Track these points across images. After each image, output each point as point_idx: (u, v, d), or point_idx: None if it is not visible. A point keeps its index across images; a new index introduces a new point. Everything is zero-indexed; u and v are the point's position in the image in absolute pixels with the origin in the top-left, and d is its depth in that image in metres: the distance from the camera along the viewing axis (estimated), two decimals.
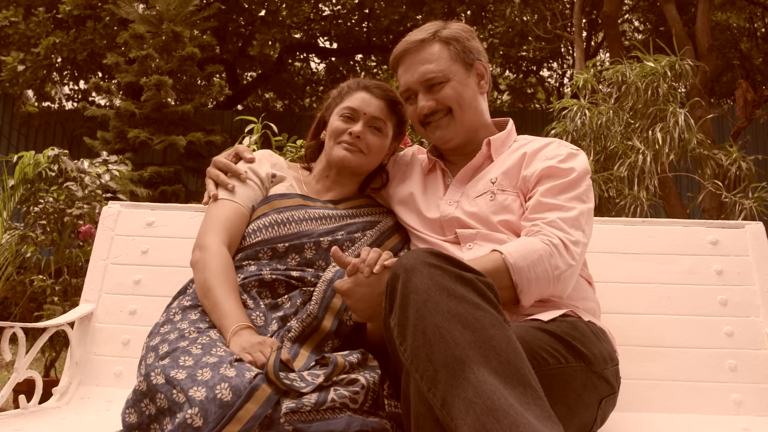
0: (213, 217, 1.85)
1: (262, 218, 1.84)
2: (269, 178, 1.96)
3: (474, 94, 1.94)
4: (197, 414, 1.30)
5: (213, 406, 1.30)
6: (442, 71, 1.89)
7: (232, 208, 1.87)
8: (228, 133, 8.70)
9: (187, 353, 1.46)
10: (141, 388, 1.42)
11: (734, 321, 2.11)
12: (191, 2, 8.35)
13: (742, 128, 7.44)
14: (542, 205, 1.76)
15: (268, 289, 1.75)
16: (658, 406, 2.03)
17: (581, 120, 4.66)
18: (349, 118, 1.95)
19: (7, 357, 1.93)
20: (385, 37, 12.45)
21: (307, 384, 1.38)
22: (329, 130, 1.99)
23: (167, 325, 1.65)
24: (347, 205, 1.99)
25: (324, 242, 1.82)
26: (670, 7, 7.89)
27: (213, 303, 1.64)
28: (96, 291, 2.21)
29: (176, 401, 1.35)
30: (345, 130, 1.94)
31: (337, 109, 1.99)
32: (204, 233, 1.82)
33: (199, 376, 1.37)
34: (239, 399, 1.31)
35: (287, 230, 1.82)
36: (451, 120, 1.92)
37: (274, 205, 1.87)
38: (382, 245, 1.92)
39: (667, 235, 2.24)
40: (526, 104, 14.02)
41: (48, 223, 4.15)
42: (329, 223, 1.88)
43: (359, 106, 1.96)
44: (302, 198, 1.93)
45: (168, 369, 1.41)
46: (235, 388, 1.33)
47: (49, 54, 9.26)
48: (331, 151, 1.96)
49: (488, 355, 1.22)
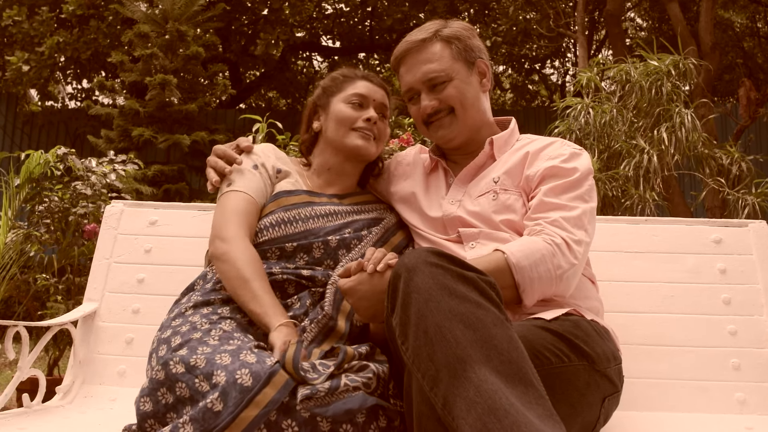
0: (231, 209, 1.81)
1: (269, 216, 1.83)
2: (275, 172, 1.94)
3: (476, 93, 1.94)
4: (218, 398, 1.32)
5: (234, 390, 1.32)
6: (445, 70, 1.89)
7: (247, 200, 1.84)
8: (231, 132, 8.71)
9: (203, 344, 1.47)
10: (158, 377, 1.43)
11: (738, 320, 2.10)
12: (196, 2, 8.36)
13: (745, 127, 7.43)
14: (545, 204, 1.76)
15: (278, 289, 1.74)
16: (662, 405, 2.03)
17: (585, 119, 4.66)
18: (359, 105, 1.94)
19: (10, 356, 1.93)
20: (388, 36, 12.46)
21: (319, 375, 1.39)
22: (336, 117, 1.94)
23: (179, 319, 1.64)
24: (352, 200, 1.98)
25: (332, 241, 1.81)
26: (674, 6, 7.88)
27: (252, 294, 1.63)
28: (99, 290, 2.21)
29: (199, 390, 1.37)
30: (358, 117, 1.92)
31: (340, 96, 1.96)
32: (223, 224, 1.78)
33: (218, 361, 1.38)
34: (258, 383, 1.33)
35: (294, 229, 1.80)
36: (453, 119, 1.92)
37: (282, 203, 1.86)
38: (387, 242, 1.92)
39: (670, 233, 2.24)
40: (529, 102, 14.01)
41: (52, 222, 4.16)
42: (336, 219, 1.87)
43: (368, 93, 1.95)
44: (308, 194, 1.91)
45: (187, 358, 1.42)
46: (256, 373, 1.34)
47: (53, 53, 9.27)
48: (343, 139, 1.93)
49: (490, 355, 1.22)
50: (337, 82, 2.00)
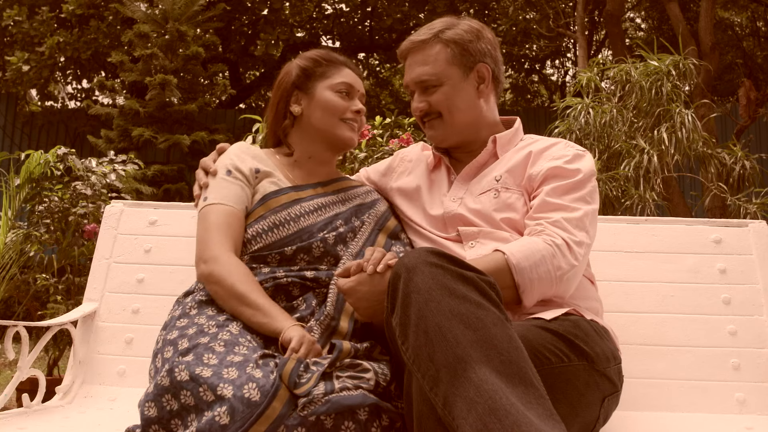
0: (209, 226, 1.77)
1: (261, 221, 1.80)
2: (253, 173, 1.88)
3: (469, 98, 1.92)
4: (225, 412, 1.31)
5: (240, 405, 1.31)
6: (436, 75, 1.89)
7: (225, 211, 1.79)
8: (231, 132, 8.72)
9: (210, 350, 1.46)
10: (163, 383, 1.42)
11: (737, 320, 2.10)
12: (197, 2, 8.37)
13: (745, 127, 7.43)
14: (547, 204, 1.76)
15: (283, 292, 1.73)
16: (661, 404, 2.03)
17: (585, 119, 4.66)
18: (346, 94, 1.93)
19: (10, 356, 1.93)
20: (388, 36, 12.46)
21: (311, 374, 1.37)
22: (323, 105, 1.90)
23: (184, 319, 1.63)
24: (336, 187, 1.97)
25: (330, 238, 1.81)
26: (673, 6, 7.88)
27: (253, 308, 1.60)
28: (99, 290, 2.21)
29: (203, 399, 1.36)
30: (347, 108, 1.91)
31: (326, 82, 1.92)
32: (207, 244, 1.74)
33: (225, 375, 1.37)
34: (266, 398, 1.32)
35: (288, 230, 1.78)
36: (441, 122, 1.93)
37: (270, 205, 1.82)
38: (383, 228, 1.92)
39: (670, 233, 2.24)
40: (529, 102, 14.01)
41: (52, 222, 4.16)
42: (325, 212, 1.86)
43: (353, 83, 1.94)
44: (294, 191, 1.88)
45: (193, 366, 1.41)
46: (263, 388, 1.33)
47: (53, 53, 9.27)
48: (332, 129, 1.90)
49: (490, 354, 1.21)
50: (320, 65, 1.95)
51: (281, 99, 1.97)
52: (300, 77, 1.95)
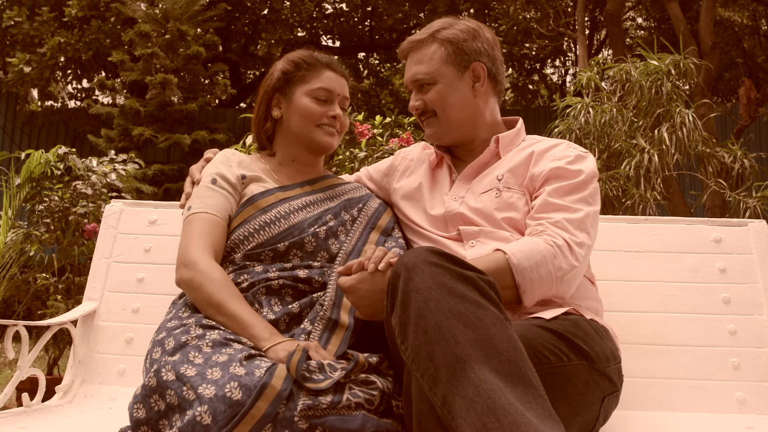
0: (193, 232, 1.76)
1: (251, 221, 1.80)
2: (240, 179, 1.88)
3: (464, 97, 1.93)
4: (206, 412, 1.30)
5: (222, 404, 1.30)
6: (430, 74, 1.91)
7: (206, 219, 1.79)
8: (231, 131, 8.72)
9: (197, 349, 1.45)
10: (150, 383, 1.42)
11: (737, 319, 2.10)
12: (197, 1, 8.37)
13: (745, 126, 7.43)
14: (549, 205, 1.76)
15: (276, 296, 1.72)
16: (661, 404, 2.03)
17: (585, 118, 4.66)
18: (324, 100, 1.93)
19: (10, 355, 1.93)
20: (388, 35, 12.46)
21: (325, 377, 1.37)
22: (300, 112, 1.91)
23: (174, 321, 1.63)
24: (323, 184, 1.98)
25: (321, 233, 1.81)
26: (674, 5, 7.88)
27: (231, 316, 1.59)
28: (99, 289, 2.21)
29: (186, 398, 1.35)
30: (323, 114, 1.91)
31: (304, 88, 1.93)
32: (187, 249, 1.73)
33: (209, 375, 1.36)
34: (250, 398, 1.30)
35: (279, 228, 1.79)
36: (436, 120, 1.95)
37: (259, 206, 1.82)
38: (375, 226, 1.93)
39: (670, 233, 2.24)
40: (529, 102, 14.01)
41: (52, 221, 4.16)
42: (314, 209, 1.87)
43: (334, 88, 1.94)
44: (281, 191, 1.88)
45: (178, 365, 1.40)
46: (245, 386, 1.32)
47: (54, 54, 9.28)
48: (308, 134, 1.92)
49: (489, 354, 1.21)
50: (300, 69, 1.95)
51: (262, 102, 1.99)
52: (280, 80, 1.96)
